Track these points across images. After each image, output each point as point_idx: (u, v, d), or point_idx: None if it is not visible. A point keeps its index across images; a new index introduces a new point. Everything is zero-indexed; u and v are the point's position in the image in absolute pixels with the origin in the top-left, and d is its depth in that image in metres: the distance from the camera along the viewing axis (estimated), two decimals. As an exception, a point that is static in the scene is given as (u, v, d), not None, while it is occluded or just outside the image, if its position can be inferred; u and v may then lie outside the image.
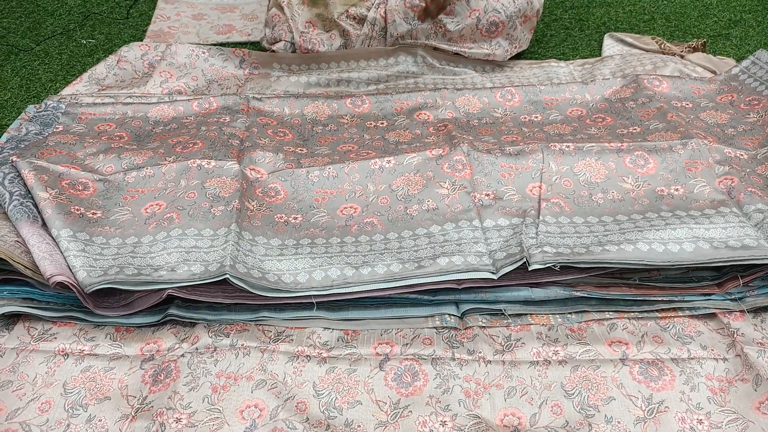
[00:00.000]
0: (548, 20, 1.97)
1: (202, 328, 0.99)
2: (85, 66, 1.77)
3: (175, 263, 1.00)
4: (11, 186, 1.13)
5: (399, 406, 0.89)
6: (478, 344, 0.97)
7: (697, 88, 1.46)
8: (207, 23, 1.98)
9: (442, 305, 1.02)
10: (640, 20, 1.98)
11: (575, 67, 1.69)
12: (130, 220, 1.11)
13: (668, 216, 1.08)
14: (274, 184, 1.21)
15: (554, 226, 1.07)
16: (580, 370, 0.93)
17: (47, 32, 1.95)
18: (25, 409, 0.89)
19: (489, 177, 1.19)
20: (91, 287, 0.95)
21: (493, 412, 0.88)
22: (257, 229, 1.10)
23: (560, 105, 1.44)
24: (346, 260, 1.04)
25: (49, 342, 0.98)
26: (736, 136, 1.29)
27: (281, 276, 1.02)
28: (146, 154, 1.27)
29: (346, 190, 1.20)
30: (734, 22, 1.93)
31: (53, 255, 1.00)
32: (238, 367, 0.93)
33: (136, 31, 1.97)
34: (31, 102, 1.61)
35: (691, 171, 1.17)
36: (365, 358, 0.96)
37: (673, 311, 1.01)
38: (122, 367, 0.95)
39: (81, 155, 1.27)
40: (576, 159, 1.20)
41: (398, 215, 1.14)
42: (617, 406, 0.88)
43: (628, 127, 1.33)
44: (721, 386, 0.90)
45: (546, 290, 1.02)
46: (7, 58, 1.81)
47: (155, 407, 0.88)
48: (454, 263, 1.01)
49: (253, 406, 0.89)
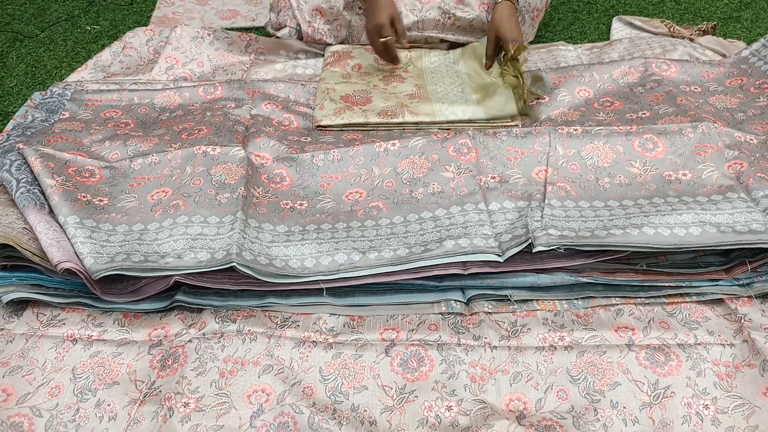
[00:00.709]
0: (556, 3, 1.95)
1: (209, 313, 1.00)
2: (90, 52, 1.76)
3: (181, 250, 1.01)
4: (18, 173, 1.13)
5: (405, 391, 0.90)
6: (484, 330, 0.97)
7: (705, 72, 1.44)
8: (211, 8, 1.97)
9: (447, 291, 1.02)
10: (649, 3, 1.95)
11: (583, 51, 1.67)
12: (136, 207, 1.12)
13: (675, 201, 1.07)
14: (279, 170, 1.21)
15: (559, 210, 1.07)
16: (586, 355, 0.93)
17: (52, 19, 1.95)
18: (35, 393, 0.90)
19: (494, 160, 1.18)
20: (98, 274, 0.96)
21: (499, 397, 0.89)
22: (263, 216, 1.10)
23: (568, 82, 1.42)
24: (353, 245, 1.04)
25: (58, 327, 0.99)
26: (745, 120, 1.27)
27: (288, 261, 1.02)
28: (152, 141, 1.27)
29: (351, 173, 1.20)
30: (745, 4, 1.90)
31: (60, 242, 1.00)
32: (245, 352, 0.94)
33: (141, 17, 1.97)
34: (36, 89, 1.61)
35: (700, 155, 1.16)
36: (371, 343, 0.96)
37: (680, 297, 1.01)
38: (130, 352, 0.96)
39: (87, 142, 1.27)
40: (584, 142, 1.19)
41: (403, 198, 1.14)
42: (623, 392, 0.88)
43: (637, 112, 1.31)
44: (728, 372, 0.90)
45: (552, 276, 1.01)
46: (12, 45, 1.81)
47: (163, 392, 0.89)
48: (461, 245, 1.01)
49: (260, 391, 0.89)
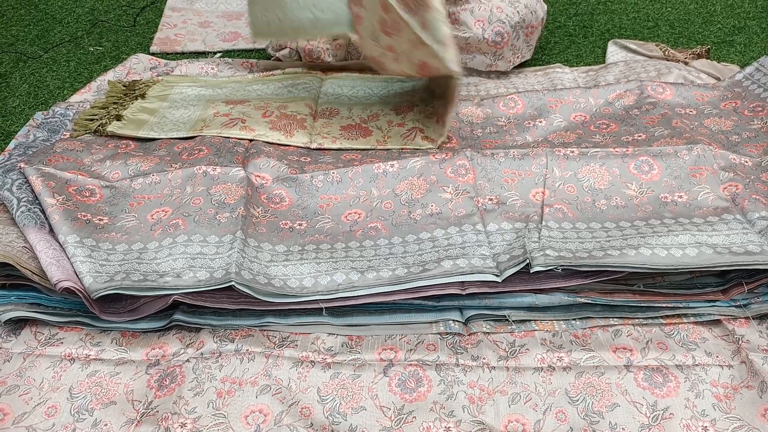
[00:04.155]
0: (552, 27, 1.98)
1: (207, 333, 0.99)
2: (93, 73, 1.78)
3: (180, 269, 1.01)
4: (19, 192, 1.14)
5: (403, 412, 0.89)
6: (482, 350, 0.97)
7: (700, 95, 1.46)
8: (213, 31, 1.99)
9: (446, 311, 1.02)
10: (644, 27, 1.98)
11: (579, 73, 1.70)
12: (136, 226, 1.12)
13: (671, 223, 1.08)
14: (278, 191, 1.22)
15: (557, 231, 1.07)
16: (584, 376, 0.93)
17: (55, 40, 1.97)
18: (32, 413, 0.90)
19: (492, 182, 1.19)
20: (97, 293, 0.96)
21: (497, 419, 0.88)
22: (262, 236, 1.11)
23: (564, 108, 1.44)
24: (351, 265, 1.05)
25: (56, 347, 0.99)
26: (740, 143, 1.29)
27: (287, 281, 1.02)
28: (152, 161, 1.28)
29: (350, 195, 1.21)
30: (738, 29, 1.93)
31: (60, 261, 1.00)
32: (243, 372, 0.94)
33: (143, 38, 1.99)
34: (39, 109, 1.63)
35: (695, 177, 1.17)
36: (369, 363, 0.96)
37: (677, 318, 1.01)
38: (128, 372, 0.95)
39: (88, 162, 1.28)
40: (580, 164, 1.20)
41: (402, 220, 1.14)
42: (622, 413, 0.88)
43: (633, 134, 1.33)
44: (726, 393, 0.90)
45: (550, 296, 1.02)
46: (15, 66, 1.83)
47: (160, 412, 0.89)
48: (459, 266, 1.01)
49: (257, 412, 0.89)
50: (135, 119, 1.46)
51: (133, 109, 1.49)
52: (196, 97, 1.56)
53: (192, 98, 1.55)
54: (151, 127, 1.43)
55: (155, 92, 1.58)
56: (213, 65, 1.73)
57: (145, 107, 1.51)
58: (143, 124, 1.44)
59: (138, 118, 1.46)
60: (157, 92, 1.58)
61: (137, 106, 1.51)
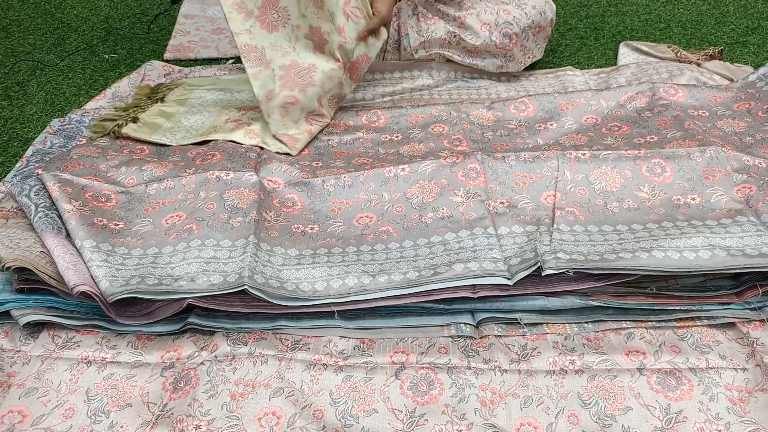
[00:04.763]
0: (563, 30, 1.98)
1: (220, 336, 1.01)
2: (108, 80, 1.81)
3: (194, 273, 1.02)
4: (37, 198, 1.16)
5: (415, 415, 0.90)
6: (494, 353, 0.97)
7: (713, 96, 1.45)
8: (226, 37, 2.01)
9: (457, 314, 1.03)
10: (655, 29, 1.97)
11: (591, 75, 1.69)
12: (151, 231, 1.14)
13: (684, 225, 1.08)
14: (290, 195, 1.23)
15: (568, 234, 1.07)
16: (596, 379, 0.93)
17: (71, 48, 2.00)
18: (50, 415, 0.91)
19: (503, 185, 1.19)
20: (113, 297, 0.98)
21: (509, 422, 0.88)
22: (275, 240, 1.12)
23: (575, 111, 1.44)
24: (363, 268, 1.06)
25: (73, 350, 1.01)
26: (754, 144, 1.28)
27: (299, 284, 1.03)
28: (167, 166, 1.30)
29: (361, 199, 1.22)
30: (752, 29, 1.92)
31: (77, 265, 1.02)
32: (256, 375, 0.95)
33: (157, 45, 2.02)
34: (55, 116, 1.65)
35: (708, 179, 1.16)
36: (381, 366, 0.96)
37: (691, 320, 1.01)
38: (143, 374, 0.97)
39: (104, 168, 1.30)
40: (592, 167, 1.20)
41: (413, 223, 1.15)
42: (634, 416, 0.88)
43: (645, 137, 1.32)
44: (741, 396, 0.89)
45: (562, 299, 1.01)
46: (32, 74, 1.86)
47: (175, 414, 0.90)
48: (470, 269, 1.01)
49: (270, 414, 0.90)
50: (150, 123, 1.48)
51: (150, 113, 1.51)
52: (214, 102, 1.57)
53: (210, 103, 1.57)
54: (164, 133, 1.45)
55: (175, 96, 1.60)
56: (226, 71, 1.76)
57: (163, 111, 1.53)
58: (157, 128, 1.46)
59: (154, 121, 1.48)
60: (177, 96, 1.60)
61: (156, 109, 1.53)
